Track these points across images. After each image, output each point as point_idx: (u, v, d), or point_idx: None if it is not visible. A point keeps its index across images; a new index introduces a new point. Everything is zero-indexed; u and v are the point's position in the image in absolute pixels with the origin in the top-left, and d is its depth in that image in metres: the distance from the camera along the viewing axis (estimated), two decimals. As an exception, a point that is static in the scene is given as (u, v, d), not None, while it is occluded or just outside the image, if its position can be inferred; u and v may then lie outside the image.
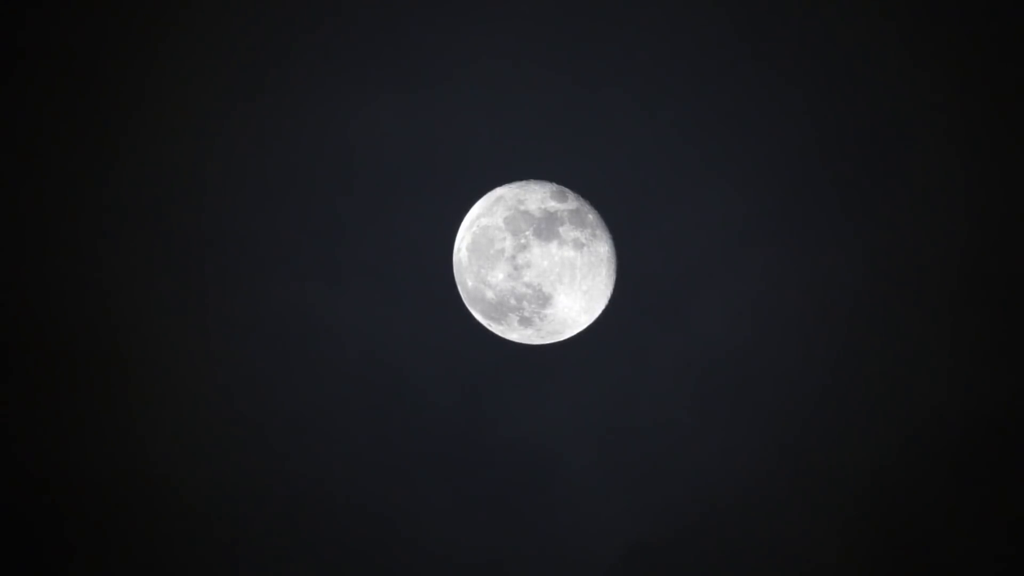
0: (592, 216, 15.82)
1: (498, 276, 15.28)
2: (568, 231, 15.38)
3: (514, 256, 15.14)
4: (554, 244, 15.23)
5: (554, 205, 15.53)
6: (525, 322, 15.62)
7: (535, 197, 15.61)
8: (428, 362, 17.53)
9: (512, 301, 15.36)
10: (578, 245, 15.40)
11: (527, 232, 15.18)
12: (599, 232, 15.79)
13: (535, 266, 15.12)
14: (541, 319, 15.55)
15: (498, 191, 16.00)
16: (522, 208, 15.43)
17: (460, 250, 16.01)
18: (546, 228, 15.28)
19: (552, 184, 15.92)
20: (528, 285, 15.17)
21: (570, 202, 15.70)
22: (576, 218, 15.55)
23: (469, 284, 15.81)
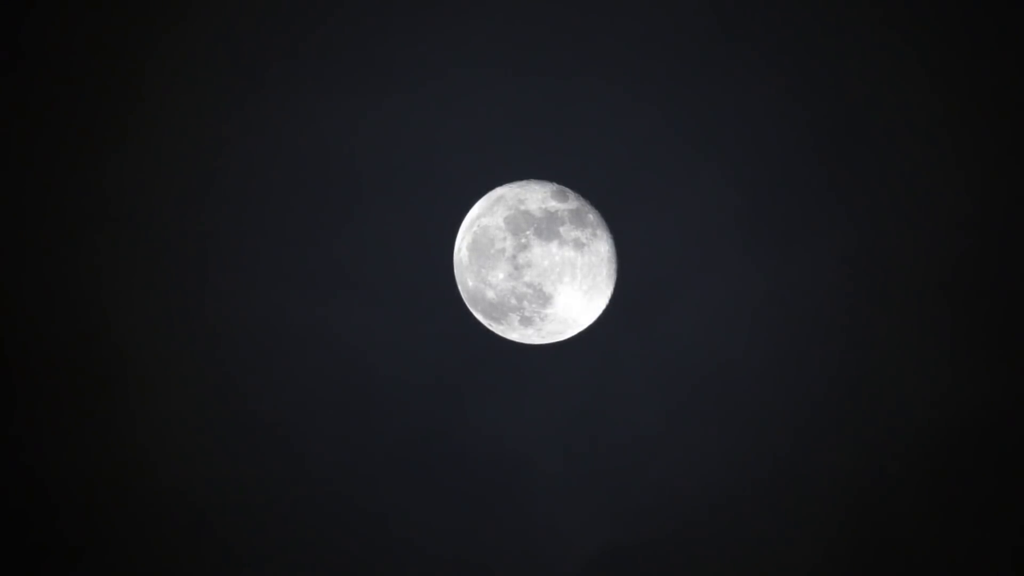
0: (592, 216, 15.83)
1: (499, 276, 15.29)
2: (568, 231, 15.38)
3: (515, 256, 15.14)
4: (554, 244, 15.24)
5: (555, 205, 15.53)
6: (526, 322, 15.62)
7: (536, 197, 15.61)
8: (428, 362, 17.53)
9: (513, 301, 15.36)
10: (578, 245, 15.41)
11: (528, 232, 15.18)
12: (599, 232, 15.79)
13: (536, 266, 15.13)
14: (542, 319, 15.55)
15: (499, 191, 16.00)
16: (523, 208, 15.44)
17: (461, 250, 16.01)
18: (546, 228, 15.28)
19: (553, 184, 15.92)
20: (529, 285, 15.17)
21: (571, 202, 15.70)
22: (576, 218, 15.56)
23: (470, 284, 15.82)
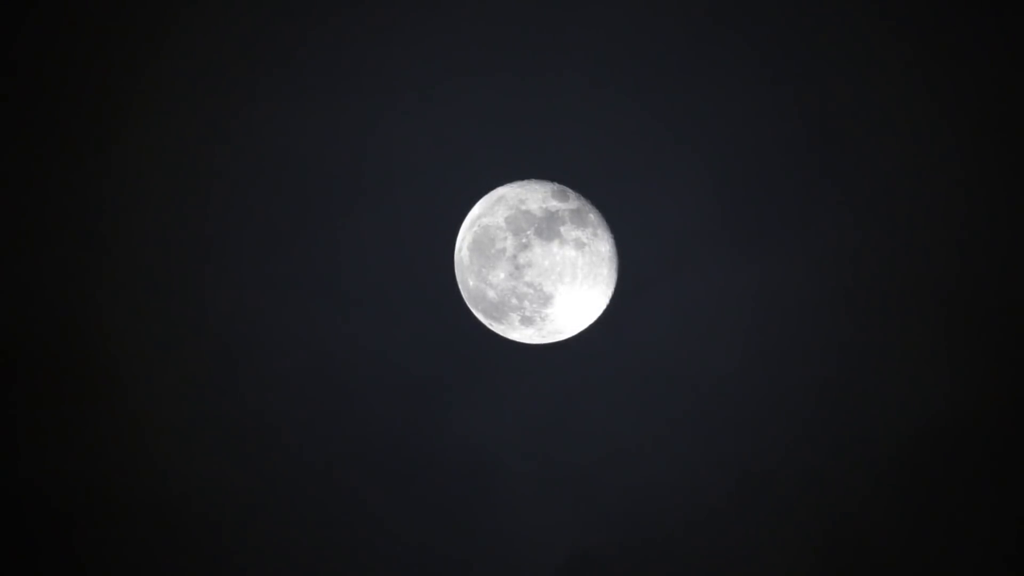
0: (593, 216, 15.83)
1: (499, 275, 15.29)
2: (569, 230, 15.39)
3: (515, 255, 15.15)
4: (555, 243, 15.24)
5: (555, 204, 15.54)
6: (526, 321, 15.63)
7: (536, 196, 15.62)
8: (428, 362, 17.53)
9: (513, 300, 15.36)
10: (579, 245, 15.41)
11: (528, 231, 15.19)
12: (600, 232, 15.79)
13: (536, 265, 15.13)
14: (542, 319, 15.56)
15: (499, 191, 16.01)
16: (523, 208, 15.44)
17: (461, 249, 16.01)
18: (547, 227, 15.29)
19: (553, 183, 15.92)
20: (529, 284, 15.18)
21: (571, 202, 15.71)
22: (577, 218, 15.56)
23: (470, 283, 15.82)
